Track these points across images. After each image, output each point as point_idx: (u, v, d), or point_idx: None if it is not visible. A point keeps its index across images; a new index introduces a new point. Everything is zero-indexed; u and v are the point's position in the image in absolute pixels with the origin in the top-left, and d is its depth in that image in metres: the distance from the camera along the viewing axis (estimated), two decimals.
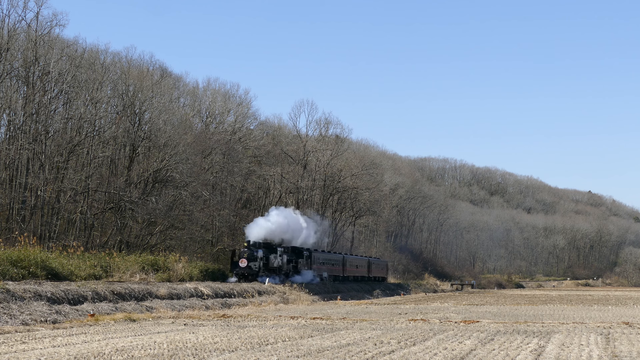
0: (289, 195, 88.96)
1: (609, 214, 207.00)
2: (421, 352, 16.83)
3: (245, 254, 53.99)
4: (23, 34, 54.44)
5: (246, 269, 53.43)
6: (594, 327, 25.19)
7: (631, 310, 37.90)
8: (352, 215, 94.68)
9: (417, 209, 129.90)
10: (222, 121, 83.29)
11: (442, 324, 26.33)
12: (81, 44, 62.97)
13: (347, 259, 77.67)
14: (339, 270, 74.35)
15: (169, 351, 16.62)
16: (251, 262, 53.69)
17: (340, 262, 75.47)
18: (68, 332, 21.46)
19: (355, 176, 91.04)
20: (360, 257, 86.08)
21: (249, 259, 53.84)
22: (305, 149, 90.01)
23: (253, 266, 53.71)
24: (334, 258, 73.46)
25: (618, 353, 17.04)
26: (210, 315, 29.73)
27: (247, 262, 53.53)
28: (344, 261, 76.49)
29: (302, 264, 63.21)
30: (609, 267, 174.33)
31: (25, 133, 51.15)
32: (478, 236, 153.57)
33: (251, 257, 53.99)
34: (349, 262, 78.54)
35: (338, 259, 74.83)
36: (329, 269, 70.55)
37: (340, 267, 74.90)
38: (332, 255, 73.59)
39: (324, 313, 32.33)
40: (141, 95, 61.82)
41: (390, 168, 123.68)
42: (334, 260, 73.32)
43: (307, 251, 65.17)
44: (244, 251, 54.33)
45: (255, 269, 53.69)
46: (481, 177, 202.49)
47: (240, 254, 54.41)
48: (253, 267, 53.68)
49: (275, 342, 18.77)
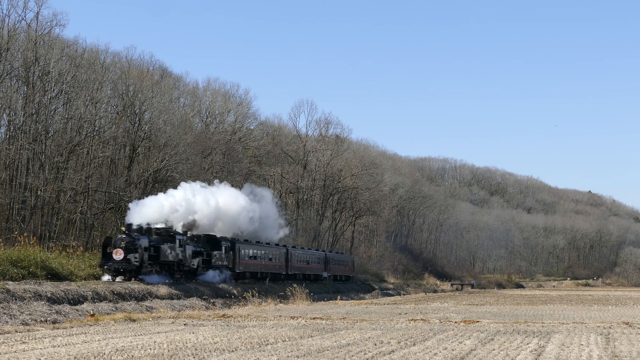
0: (289, 195, 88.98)
1: (609, 214, 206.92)
2: (421, 352, 16.83)
3: (122, 243, 40.44)
4: (23, 34, 54.45)
5: (123, 262, 40.21)
6: (594, 327, 25.18)
7: (631, 310, 37.90)
8: (352, 215, 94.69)
9: (417, 209, 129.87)
10: (222, 121, 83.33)
11: (442, 324, 26.33)
12: (81, 44, 63.04)
13: (292, 252, 65.94)
14: (280, 267, 62.75)
15: (169, 351, 16.62)
16: (131, 254, 40.32)
17: (283, 257, 63.29)
18: (68, 332, 21.46)
19: (355, 176, 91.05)
20: (313, 251, 73.97)
21: (128, 249, 40.31)
22: (305, 149, 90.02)
23: (133, 259, 40.34)
24: (272, 252, 61.10)
25: (618, 353, 17.03)
26: (210, 315, 29.74)
27: (124, 253, 40.15)
28: (287, 256, 64.35)
29: (218, 258, 50.43)
30: (609, 267, 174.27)
31: (25, 133, 51.13)
32: (478, 236, 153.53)
33: (131, 246, 40.48)
34: (296, 258, 66.75)
35: (278, 253, 62.58)
36: (265, 266, 59.25)
37: (283, 264, 63.14)
38: (270, 248, 60.99)
39: (324, 313, 32.33)
40: (141, 95, 61.82)
41: (390, 168, 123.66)
42: (272, 254, 61.07)
43: (227, 241, 52.41)
44: (121, 239, 40.71)
45: (135, 263, 40.43)
46: (481, 177, 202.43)
47: (116, 242, 40.75)
48: (133, 261, 40.32)
49: (275, 342, 18.77)
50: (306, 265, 68.99)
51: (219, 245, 51.07)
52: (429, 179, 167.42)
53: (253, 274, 57.51)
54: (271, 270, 60.55)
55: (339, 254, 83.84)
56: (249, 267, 56.23)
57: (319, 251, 75.83)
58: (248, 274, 56.42)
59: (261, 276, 58.79)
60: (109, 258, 40.65)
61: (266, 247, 60.39)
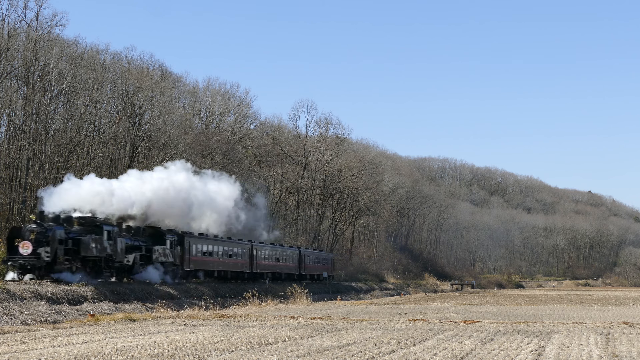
0: (289, 195, 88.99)
1: (609, 214, 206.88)
2: (421, 352, 16.83)
3: (31, 234, 34.26)
4: (23, 34, 54.49)
5: (31, 257, 34.12)
6: (594, 327, 25.18)
7: (631, 310, 37.89)
8: (352, 215, 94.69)
9: (417, 209, 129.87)
10: (222, 121, 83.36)
11: (442, 324, 26.32)
12: (81, 44, 63.09)
13: (258, 249, 58.93)
14: (242, 264, 56.23)
15: (169, 351, 16.62)
16: (41, 248, 34.19)
17: (246, 254, 56.78)
18: (68, 332, 21.46)
19: (355, 176, 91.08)
20: (285, 248, 66.49)
21: (38, 241, 34.15)
22: (305, 149, 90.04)
23: (44, 253, 34.16)
24: (232, 248, 54.64)
25: (618, 353, 17.03)
26: (210, 315, 29.74)
27: (32, 246, 34.12)
28: (252, 253, 57.63)
29: (161, 253, 43.79)
30: (609, 267, 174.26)
31: (25, 133, 51.16)
32: (478, 236, 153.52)
33: (42, 238, 34.24)
34: (262, 255, 59.82)
35: (241, 250, 56.05)
36: (223, 264, 53.08)
37: (246, 261, 56.70)
38: (230, 244, 54.54)
39: (324, 313, 32.33)
40: (141, 95, 61.87)
41: (390, 168, 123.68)
42: (233, 250, 54.68)
43: (173, 235, 45.98)
44: (30, 229, 34.46)
45: (46, 259, 34.22)
46: (481, 177, 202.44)
47: (24, 233, 34.52)
48: (43, 255, 34.16)
49: (275, 342, 18.77)
50: (275, 264, 62.15)
51: (163, 239, 44.37)
52: (429, 179, 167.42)
53: (208, 272, 51.68)
54: (231, 268, 54.28)
55: (318, 251, 77.63)
56: (203, 265, 50.18)
57: (292, 248, 69.16)
58: (202, 273, 50.74)
59: (219, 275, 53.26)
60: (15, 252, 34.25)
61: (225, 242, 53.68)
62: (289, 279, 64.21)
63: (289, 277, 65.04)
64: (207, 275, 51.76)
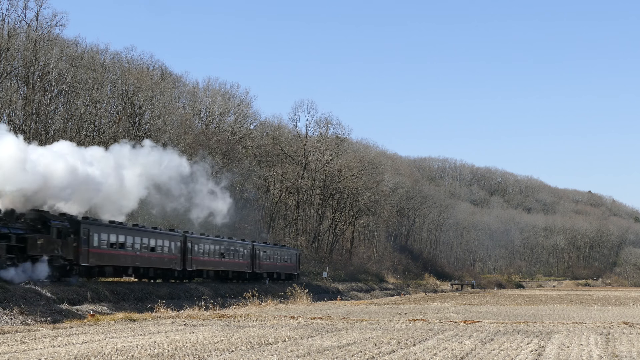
0: (289, 195, 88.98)
1: (609, 214, 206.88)
2: (421, 352, 16.83)
3: None
4: (23, 34, 54.52)
5: None
6: (594, 327, 25.18)
7: (631, 310, 37.88)
8: (352, 215, 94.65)
9: (417, 209, 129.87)
10: (222, 121, 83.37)
11: (442, 324, 26.32)
12: (81, 44, 63.15)
13: (193, 242, 49.66)
14: (171, 260, 47.03)
15: (169, 351, 16.62)
16: None
17: (177, 248, 47.92)
18: (68, 332, 21.45)
19: (355, 176, 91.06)
20: (234, 241, 56.48)
21: None
22: (305, 149, 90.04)
23: None
24: (155, 239, 45.64)
25: (618, 353, 17.03)
26: (210, 315, 29.73)
27: None
28: (185, 246, 48.73)
29: (42, 245, 34.70)
30: (609, 267, 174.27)
31: (25, 133, 51.15)
32: (478, 236, 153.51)
33: None
34: (200, 249, 50.68)
35: (168, 242, 47.02)
36: (141, 259, 43.86)
37: (177, 256, 47.67)
38: (152, 235, 45.50)
39: (324, 313, 32.32)
40: (141, 95, 61.89)
41: (390, 168, 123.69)
42: (156, 242, 45.63)
43: (62, 221, 36.79)
44: None
45: None
46: (481, 177, 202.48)
47: None
48: None
49: (275, 342, 18.77)
50: (219, 260, 52.84)
51: (48, 226, 35.48)
52: (429, 179, 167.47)
53: (119, 269, 42.36)
54: (154, 264, 45.20)
55: (279, 246, 66.98)
56: (109, 260, 40.87)
57: (244, 241, 58.85)
58: (110, 270, 41.31)
59: (135, 273, 44.35)
60: None
61: (144, 232, 44.62)
62: (239, 279, 56.10)
63: (238, 276, 56.18)
64: (118, 273, 42.33)
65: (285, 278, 63.96)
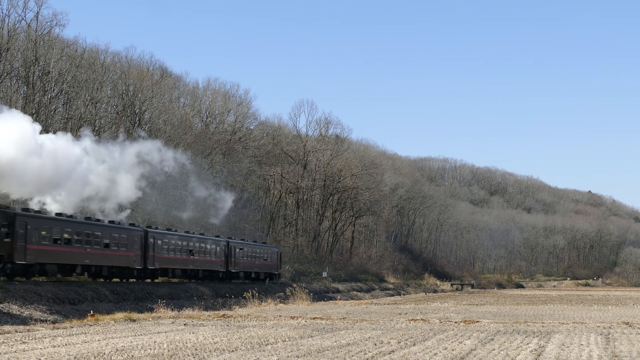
0: (289, 195, 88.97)
1: (609, 214, 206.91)
2: (421, 352, 16.82)
3: None
4: (23, 34, 54.54)
5: None
6: (594, 327, 25.18)
7: (631, 310, 37.88)
8: (352, 215, 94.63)
9: (417, 209, 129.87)
10: (222, 121, 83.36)
11: (442, 324, 26.32)
12: (81, 44, 63.16)
13: (155, 237, 44.89)
14: (128, 258, 42.12)
15: (169, 351, 16.61)
16: None
17: (136, 243, 42.89)
18: (68, 332, 21.45)
19: (355, 176, 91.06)
20: (203, 237, 51.78)
21: None
22: (305, 149, 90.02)
23: None
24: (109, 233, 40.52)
25: (618, 353, 17.03)
26: (210, 315, 29.73)
27: None
28: (146, 242, 43.99)
29: None
30: (609, 267, 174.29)
31: None
32: (478, 236, 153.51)
33: None
34: (164, 245, 45.74)
35: (126, 237, 42.00)
36: (91, 256, 39.06)
37: (136, 253, 42.83)
38: (104, 228, 40.44)
39: (324, 313, 32.32)
40: (141, 95, 61.91)
41: (390, 168, 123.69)
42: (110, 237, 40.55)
43: None
44: None
45: None
46: (481, 177, 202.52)
47: None
48: None
49: (275, 342, 18.76)
50: (187, 258, 48.09)
51: None
52: (429, 179, 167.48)
53: (65, 267, 37.90)
54: (108, 262, 40.41)
55: (259, 243, 61.98)
56: (53, 258, 36.43)
57: (218, 238, 54.01)
58: (53, 268, 36.76)
59: (87, 271, 39.76)
60: None
61: (96, 226, 39.73)
62: (211, 279, 51.94)
63: (209, 276, 51.87)
64: (65, 272, 38.03)
65: (264, 278, 59.78)
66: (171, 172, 46.92)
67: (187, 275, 49.62)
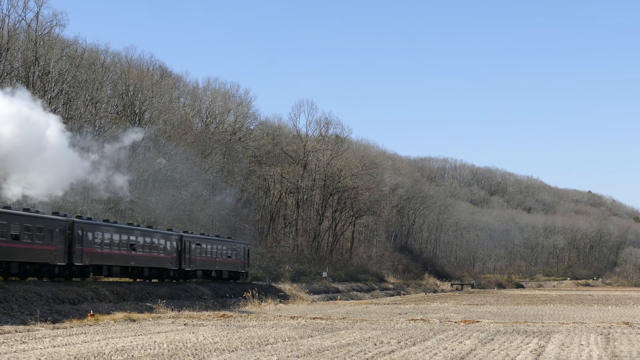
0: (289, 195, 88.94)
1: (609, 214, 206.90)
2: (421, 352, 16.82)
3: None
4: (23, 34, 54.51)
5: None
6: (594, 327, 25.17)
7: (631, 310, 37.88)
8: (352, 215, 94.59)
9: (417, 209, 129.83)
10: (222, 121, 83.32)
11: (442, 324, 26.31)
12: (81, 44, 63.10)
13: (85, 228, 38.38)
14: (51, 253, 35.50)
15: (169, 351, 16.61)
16: None
17: (60, 236, 36.27)
18: (68, 332, 21.44)
19: (355, 176, 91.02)
20: (151, 230, 45.53)
21: None
22: (305, 149, 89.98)
23: None
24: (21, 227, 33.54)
25: (618, 353, 17.02)
26: (210, 315, 29.72)
27: None
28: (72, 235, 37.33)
29: None
30: (609, 267, 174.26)
31: None
32: (478, 236, 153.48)
33: None
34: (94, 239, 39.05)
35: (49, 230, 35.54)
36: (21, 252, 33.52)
37: (59, 248, 36.12)
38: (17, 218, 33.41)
39: (324, 313, 32.31)
40: (141, 95, 61.87)
41: (390, 168, 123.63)
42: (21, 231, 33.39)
43: None
44: None
45: None
46: (481, 177, 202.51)
47: None
48: None
49: (275, 342, 18.75)
50: (127, 253, 42.04)
51: None
52: (429, 179, 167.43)
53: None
54: (22, 258, 33.79)
55: (222, 238, 55.08)
56: None
57: (170, 232, 47.81)
58: None
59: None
60: None
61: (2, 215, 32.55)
62: (159, 277, 45.94)
63: (158, 274, 45.85)
64: None
65: (229, 277, 53.79)
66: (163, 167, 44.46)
67: (128, 273, 43.28)
